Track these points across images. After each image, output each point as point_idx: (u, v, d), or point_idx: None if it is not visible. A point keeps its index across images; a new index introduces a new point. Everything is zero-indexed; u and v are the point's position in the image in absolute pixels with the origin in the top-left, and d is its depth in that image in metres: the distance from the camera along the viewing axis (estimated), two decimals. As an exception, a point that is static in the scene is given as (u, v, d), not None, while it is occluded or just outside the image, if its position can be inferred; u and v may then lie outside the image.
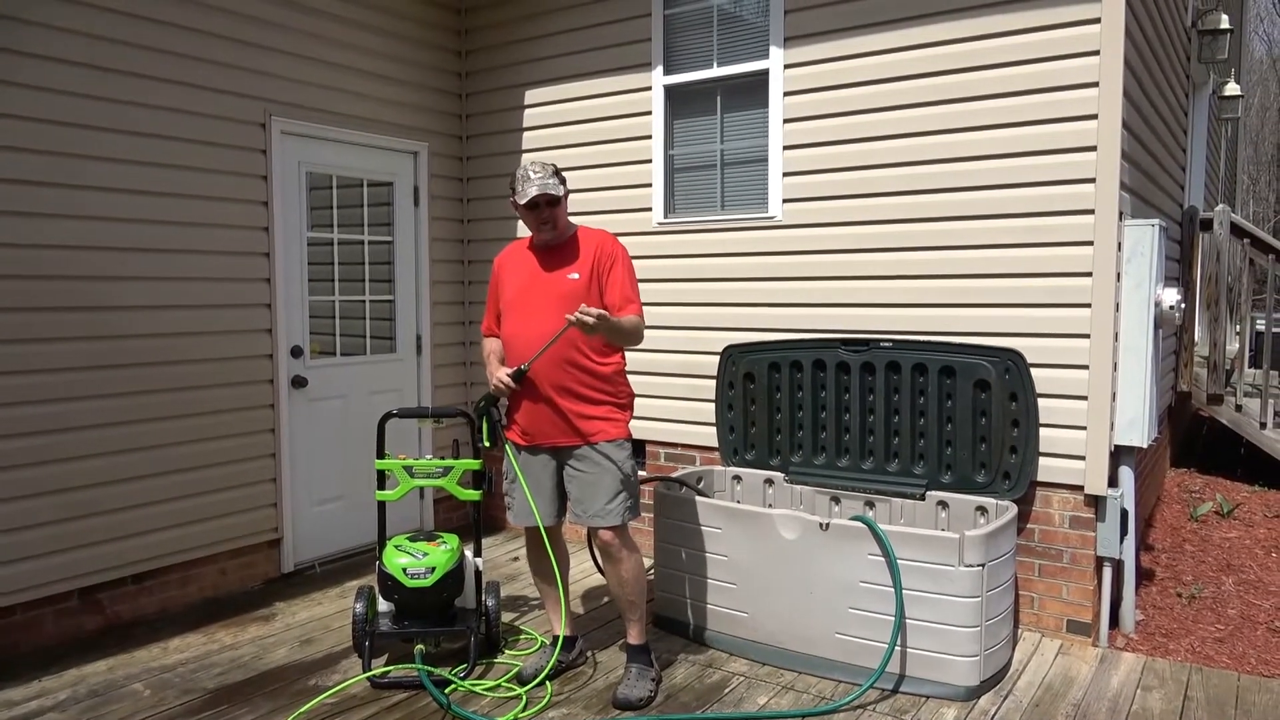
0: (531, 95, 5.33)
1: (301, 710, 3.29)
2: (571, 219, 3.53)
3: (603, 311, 3.13)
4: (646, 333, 4.84)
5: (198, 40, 4.26)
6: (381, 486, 3.79)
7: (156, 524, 4.20)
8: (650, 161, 4.92)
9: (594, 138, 5.10)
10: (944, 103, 4.03)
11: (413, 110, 5.32)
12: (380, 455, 3.78)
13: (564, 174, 3.45)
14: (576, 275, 3.35)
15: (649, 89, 4.88)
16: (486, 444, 3.50)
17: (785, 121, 4.47)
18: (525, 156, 5.38)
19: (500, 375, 3.37)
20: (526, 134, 5.38)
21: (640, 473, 3.51)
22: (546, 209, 3.35)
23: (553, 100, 5.25)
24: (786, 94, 4.45)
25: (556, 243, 3.44)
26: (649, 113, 4.90)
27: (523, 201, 3.32)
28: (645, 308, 4.77)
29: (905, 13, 4.10)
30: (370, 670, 3.53)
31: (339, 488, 5.04)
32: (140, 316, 4.11)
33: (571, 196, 5.11)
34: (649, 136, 4.91)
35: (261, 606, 4.38)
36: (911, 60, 4.10)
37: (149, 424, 4.16)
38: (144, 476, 4.15)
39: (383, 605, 3.74)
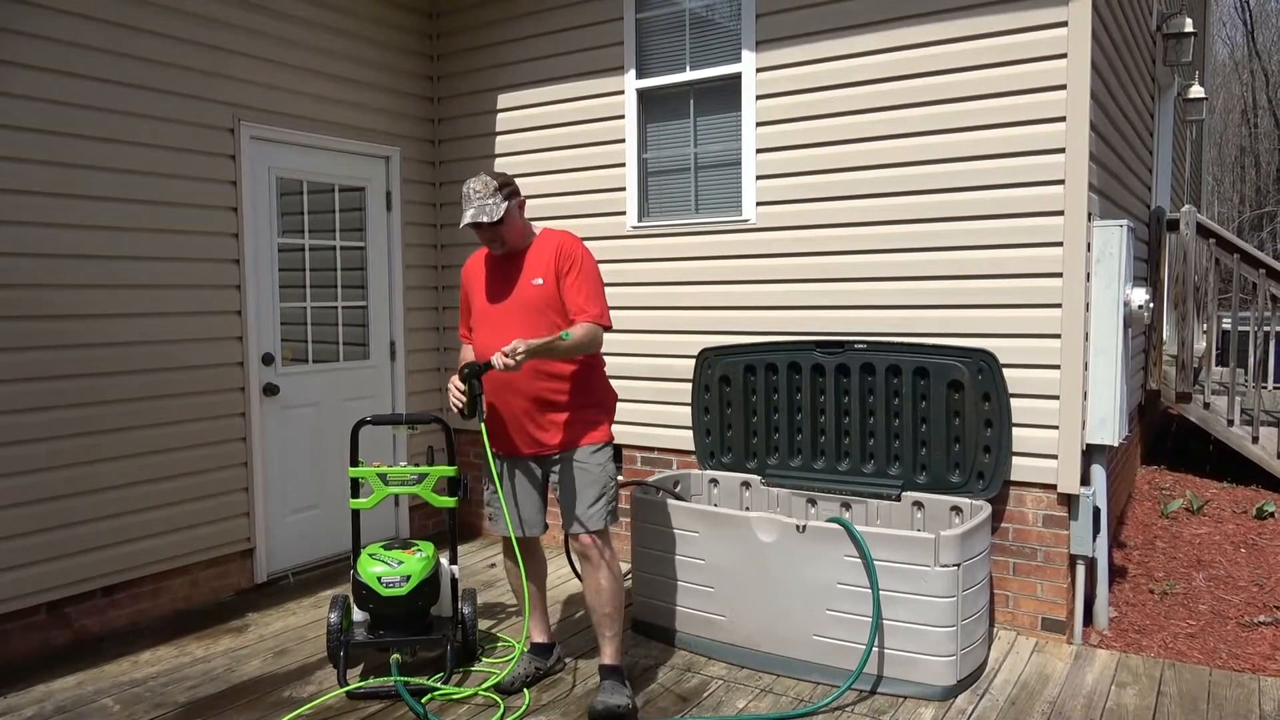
0: (504, 99, 5.31)
1: (276, 723, 3.25)
2: (545, 223, 3.51)
3: (522, 344, 3.02)
4: (623, 337, 4.86)
5: (165, 44, 4.21)
6: (355, 494, 3.75)
7: (126, 535, 4.13)
8: (623, 165, 4.91)
9: (567, 141, 5.09)
10: (915, 106, 4.06)
11: (384, 115, 5.28)
12: (354, 463, 3.74)
13: (512, 183, 3.28)
14: (540, 281, 3.28)
15: (621, 93, 4.88)
16: (467, 414, 3.27)
17: (758, 125, 4.48)
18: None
19: (453, 382, 3.24)
20: (499, 138, 5.36)
21: (618, 477, 3.47)
22: (489, 230, 3.25)
23: (525, 104, 5.23)
24: (759, 97, 4.47)
25: (516, 250, 3.37)
26: (622, 116, 4.89)
27: (460, 226, 3.27)
28: (621, 311, 4.80)
29: (876, 16, 4.12)
30: (346, 683, 3.49)
31: (312, 496, 4.98)
32: (106, 324, 4.05)
33: (545, 201, 5.14)
34: (622, 140, 4.90)
35: (234, 618, 4.32)
36: (882, 64, 4.12)
37: (118, 434, 4.09)
38: (113, 487, 4.08)
39: (358, 615, 3.70)
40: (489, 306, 3.36)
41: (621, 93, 4.88)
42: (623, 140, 4.90)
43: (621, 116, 4.90)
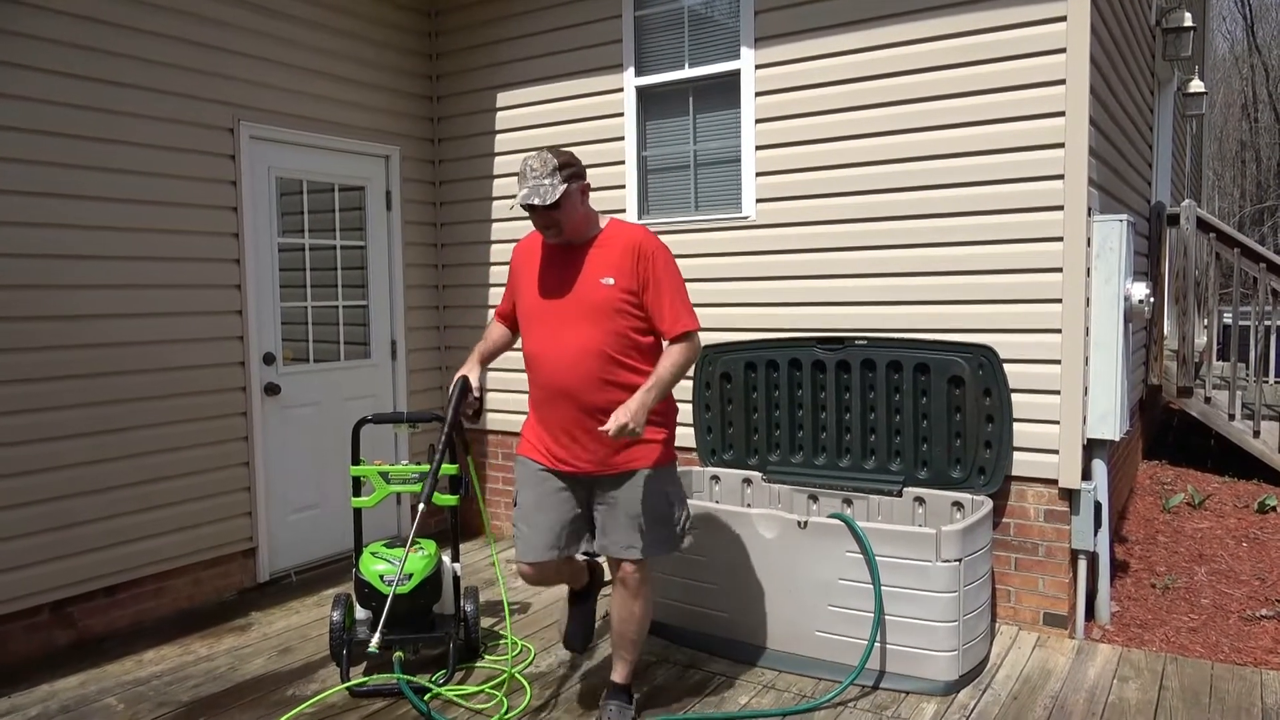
0: (504, 97, 5.31)
1: (279, 721, 3.26)
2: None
3: (638, 406, 2.74)
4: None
5: (163, 45, 4.21)
6: (357, 493, 3.76)
7: (129, 535, 4.14)
8: (623, 163, 4.91)
9: (567, 139, 5.09)
10: (915, 101, 4.06)
11: (384, 114, 5.28)
12: (355, 462, 3.75)
13: (575, 164, 2.91)
14: (611, 280, 2.86)
15: (621, 90, 4.88)
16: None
17: (757, 122, 4.48)
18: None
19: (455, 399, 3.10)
20: (499, 136, 5.36)
21: (687, 500, 3.20)
22: (543, 214, 2.85)
23: (525, 102, 5.23)
24: (758, 94, 4.46)
25: (578, 241, 2.97)
26: (621, 114, 4.89)
27: (510, 207, 3.01)
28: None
29: (874, 12, 4.12)
30: (349, 679, 3.50)
31: (314, 495, 4.99)
32: (108, 325, 4.05)
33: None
34: (621, 138, 4.90)
35: (237, 617, 4.32)
36: (881, 60, 4.12)
37: (119, 434, 4.09)
38: (115, 487, 4.08)
39: (360, 613, 3.71)
40: (542, 303, 2.97)
41: (621, 90, 4.88)
42: (622, 138, 4.90)
43: (621, 114, 4.90)
